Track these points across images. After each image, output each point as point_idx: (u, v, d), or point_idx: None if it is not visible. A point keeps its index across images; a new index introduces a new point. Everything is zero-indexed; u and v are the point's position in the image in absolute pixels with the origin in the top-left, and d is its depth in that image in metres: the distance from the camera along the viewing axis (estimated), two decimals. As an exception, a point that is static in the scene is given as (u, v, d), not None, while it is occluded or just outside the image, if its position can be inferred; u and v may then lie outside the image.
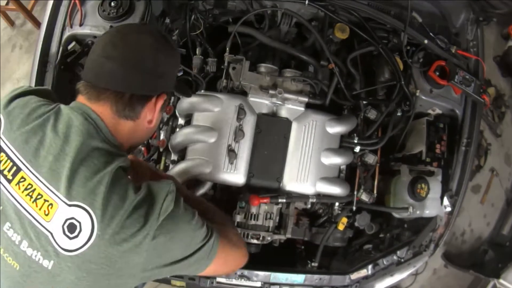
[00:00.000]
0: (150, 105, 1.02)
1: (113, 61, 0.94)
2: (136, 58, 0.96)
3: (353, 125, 1.72)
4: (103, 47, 0.97)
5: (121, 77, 0.95)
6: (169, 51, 1.04)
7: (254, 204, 1.59)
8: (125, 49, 0.96)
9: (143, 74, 0.97)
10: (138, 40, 0.98)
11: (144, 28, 1.07)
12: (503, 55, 3.46)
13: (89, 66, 1.00)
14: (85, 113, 0.94)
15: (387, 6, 1.86)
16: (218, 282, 1.69)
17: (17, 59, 3.11)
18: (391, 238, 1.92)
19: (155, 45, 1.00)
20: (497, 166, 3.34)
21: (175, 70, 1.11)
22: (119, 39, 0.97)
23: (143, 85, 0.98)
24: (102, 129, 0.95)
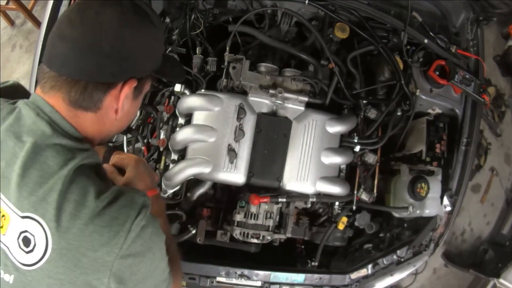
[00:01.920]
0: (114, 93, 0.85)
1: (66, 41, 0.79)
2: (92, 38, 0.79)
3: (353, 124, 1.72)
4: (59, 24, 0.83)
5: (74, 61, 0.80)
6: (140, 26, 0.84)
7: (254, 203, 1.59)
8: (82, 27, 0.79)
9: (101, 57, 0.80)
10: (97, 15, 0.79)
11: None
12: (503, 55, 3.46)
13: (45, 48, 0.86)
14: (38, 108, 0.82)
15: (387, 6, 1.86)
16: (218, 282, 1.69)
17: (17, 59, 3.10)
18: (391, 237, 1.92)
19: (119, 20, 0.81)
20: (497, 165, 3.34)
21: (151, 49, 0.89)
22: (76, 14, 0.81)
23: (101, 70, 0.81)
24: (59, 123, 0.82)
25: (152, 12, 0.89)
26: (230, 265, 1.69)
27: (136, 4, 0.86)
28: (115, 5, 0.82)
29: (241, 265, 1.70)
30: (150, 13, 0.88)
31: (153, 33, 0.89)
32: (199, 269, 1.67)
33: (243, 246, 1.72)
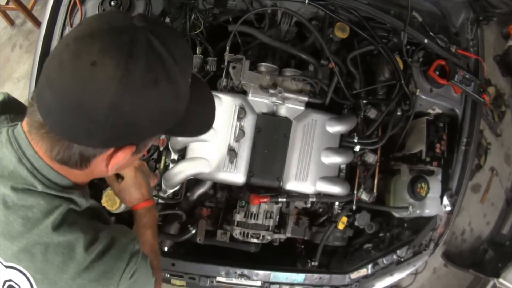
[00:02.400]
0: (104, 156, 0.72)
1: (52, 89, 0.64)
2: (81, 98, 0.62)
3: (353, 124, 1.72)
4: (52, 59, 0.66)
5: (58, 116, 0.66)
6: (150, 89, 0.65)
7: (254, 203, 1.59)
8: (71, 77, 0.62)
9: (89, 124, 0.64)
10: (94, 67, 0.61)
11: (118, 41, 0.63)
12: (503, 55, 3.46)
13: (40, 75, 0.70)
14: (20, 150, 0.72)
15: (387, 6, 1.86)
16: (218, 282, 1.69)
17: (17, 59, 3.10)
18: (391, 237, 1.92)
19: (120, 81, 0.62)
20: (497, 165, 3.34)
21: (162, 114, 0.71)
22: (70, 56, 0.63)
23: (89, 136, 0.67)
24: (42, 172, 0.72)
25: (175, 57, 0.67)
26: (230, 265, 1.69)
27: (152, 50, 0.65)
28: (120, 55, 0.62)
29: (241, 265, 1.70)
30: (170, 62, 0.67)
31: (170, 93, 0.69)
32: (199, 269, 1.67)
33: (243, 246, 1.73)
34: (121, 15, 0.70)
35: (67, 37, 0.67)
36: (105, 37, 0.64)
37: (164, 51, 0.66)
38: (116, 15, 0.70)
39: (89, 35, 0.64)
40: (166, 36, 0.69)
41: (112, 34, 0.64)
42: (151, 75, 0.65)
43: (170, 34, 0.71)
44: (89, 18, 0.72)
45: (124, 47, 0.63)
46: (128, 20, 0.67)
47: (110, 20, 0.67)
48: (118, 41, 0.64)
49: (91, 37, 0.64)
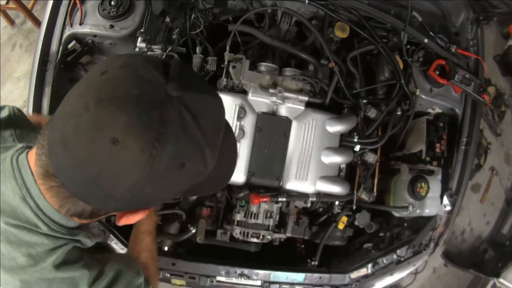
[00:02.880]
0: (116, 213, 0.72)
1: (66, 151, 0.59)
2: (98, 175, 0.58)
3: (353, 124, 1.72)
4: (68, 114, 0.59)
5: (71, 178, 0.62)
6: (177, 173, 0.60)
7: (254, 203, 1.59)
8: (89, 150, 0.57)
9: (104, 196, 0.61)
10: (115, 145, 0.55)
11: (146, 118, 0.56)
12: (503, 54, 3.47)
13: (53, 117, 0.63)
14: (25, 188, 0.67)
15: (387, 5, 1.86)
16: (218, 281, 1.69)
17: (17, 58, 3.10)
18: (391, 237, 1.92)
19: (144, 168, 0.56)
20: (497, 165, 3.34)
21: (184, 189, 0.67)
22: (90, 124, 0.56)
23: (101, 205, 0.66)
24: (47, 213, 0.68)
25: (206, 133, 0.61)
26: (230, 264, 1.69)
27: (183, 131, 0.58)
28: (147, 138, 0.55)
29: (241, 265, 1.70)
30: (201, 140, 0.60)
31: (195, 172, 0.64)
32: (199, 269, 1.67)
33: (243, 246, 1.73)
34: (155, 73, 0.59)
35: (87, 92, 0.58)
36: (132, 110, 0.55)
37: (196, 128, 0.59)
38: (149, 72, 0.59)
39: (114, 102, 0.55)
40: (199, 105, 0.61)
41: (141, 106, 0.56)
42: (179, 159, 0.59)
43: (202, 100, 0.62)
44: (117, 68, 0.60)
45: (152, 128, 0.55)
46: (161, 84, 0.58)
47: (141, 80, 0.58)
48: (146, 118, 0.55)
49: (117, 106, 0.55)
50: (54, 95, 1.63)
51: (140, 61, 0.61)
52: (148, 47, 1.64)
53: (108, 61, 0.65)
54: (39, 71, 1.63)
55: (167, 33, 1.79)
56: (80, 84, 0.63)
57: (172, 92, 0.58)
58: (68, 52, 1.70)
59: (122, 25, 1.64)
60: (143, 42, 1.63)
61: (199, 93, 0.62)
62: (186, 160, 0.59)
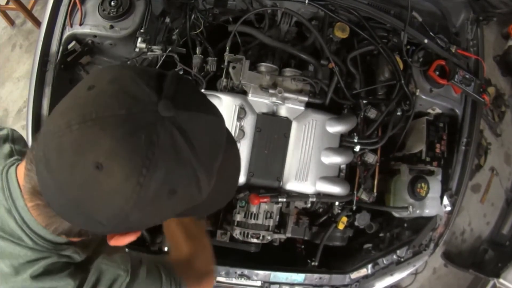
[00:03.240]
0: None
1: (49, 173, 0.55)
2: (83, 201, 0.55)
3: (353, 124, 1.72)
4: (50, 133, 0.55)
5: (56, 202, 0.59)
6: (167, 200, 0.56)
7: (254, 203, 1.59)
8: (71, 173, 0.53)
9: (90, 220, 0.58)
10: (98, 171, 0.51)
11: (132, 142, 0.52)
12: (503, 55, 3.46)
13: (40, 132, 0.60)
14: (11, 199, 0.65)
15: (387, 6, 1.86)
16: (218, 281, 1.69)
17: (17, 59, 3.10)
18: (391, 237, 1.92)
19: (130, 196, 0.53)
20: (497, 165, 3.34)
21: (174, 213, 0.63)
22: (72, 146, 0.53)
23: (88, 227, 0.63)
24: (32, 227, 0.65)
25: (199, 156, 0.56)
26: (230, 265, 1.69)
27: (174, 154, 0.54)
28: (133, 165, 0.52)
29: (241, 265, 1.70)
30: (194, 163, 0.55)
31: (188, 197, 0.59)
32: (199, 269, 1.67)
33: (243, 246, 1.73)
34: (146, 89, 0.54)
35: (72, 109, 0.54)
36: (117, 132, 0.51)
37: (189, 152, 0.54)
38: (139, 88, 0.54)
39: (98, 122, 0.51)
40: (194, 125, 0.56)
41: (127, 127, 0.51)
42: (169, 185, 0.54)
43: (198, 120, 0.57)
44: (105, 83, 0.56)
45: (139, 153, 0.51)
46: (152, 103, 0.53)
47: (129, 97, 0.53)
48: (133, 142, 0.51)
49: (101, 127, 0.51)
50: (54, 95, 1.63)
51: (131, 75, 0.55)
52: (148, 48, 1.64)
53: (97, 74, 0.60)
54: (39, 72, 1.63)
55: (167, 34, 1.79)
56: (66, 98, 0.59)
57: (163, 112, 0.53)
58: (68, 53, 1.70)
59: (122, 25, 1.64)
60: (143, 42, 1.63)
61: (194, 112, 0.56)
62: (177, 186, 0.55)
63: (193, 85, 0.63)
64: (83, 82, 0.58)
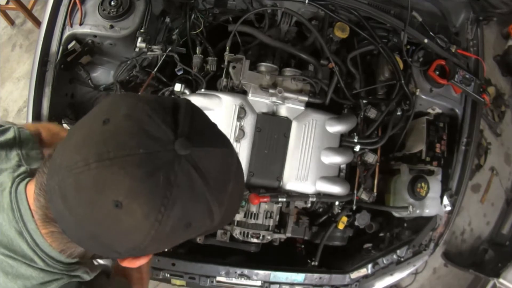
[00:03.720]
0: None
1: (67, 207, 0.57)
2: (99, 233, 0.57)
3: (353, 124, 1.72)
4: (66, 168, 0.56)
5: (73, 232, 0.61)
6: (182, 232, 0.59)
7: (254, 203, 1.59)
8: (90, 210, 0.55)
9: (109, 251, 0.62)
10: (118, 210, 0.53)
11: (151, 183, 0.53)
12: (503, 55, 3.47)
13: (52, 160, 0.61)
14: (22, 222, 0.65)
15: (387, 6, 1.86)
16: (218, 281, 1.69)
17: (17, 58, 3.10)
18: (391, 237, 1.92)
19: (148, 233, 0.55)
20: (497, 165, 3.34)
21: (187, 239, 0.65)
22: (91, 184, 0.54)
23: (105, 254, 0.68)
24: (44, 248, 0.66)
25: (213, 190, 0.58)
26: (230, 264, 1.69)
27: (191, 191, 0.56)
28: (152, 204, 0.53)
29: (241, 265, 1.70)
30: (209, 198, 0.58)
31: (202, 228, 0.62)
32: (199, 269, 1.67)
33: (243, 246, 1.73)
34: (163, 127, 0.55)
35: (88, 144, 0.55)
36: (136, 172, 0.52)
37: (204, 187, 0.56)
38: (156, 127, 0.55)
39: (117, 161, 0.52)
40: (208, 161, 0.58)
41: (146, 167, 0.53)
42: (185, 220, 0.57)
43: (212, 155, 0.59)
44: (120, 118, 0.56)
45: (159, 192, 0.53)
46: (169, 141, 0.54)
47: (147, 136, 0.54)
48: (153, 182, 0.53)
49: (120, 166, 0.52)
50: (54, 95, 1.63)
51: (146, 110, 0.56)
52: (148, 47, 1.65)
53: (111, 105, 0.61)
54: (39, 71, 1.62)
55: (167, 33, 1.79)
56: (80, 130, 0.59)
57: (180, 151, 0.54)
58: (68, 53, 1.70)
59: (122, 25, 1.63)
60: (143, 42, 1.63)
61: (208, 147, 0.58)
62: (192, 220, 0.58)
63: (205, 116, 0.64)
64: (97, 114, 0.59)
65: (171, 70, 1.80)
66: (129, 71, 1.74)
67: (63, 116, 1.76)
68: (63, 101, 1.74)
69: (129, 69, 1.74)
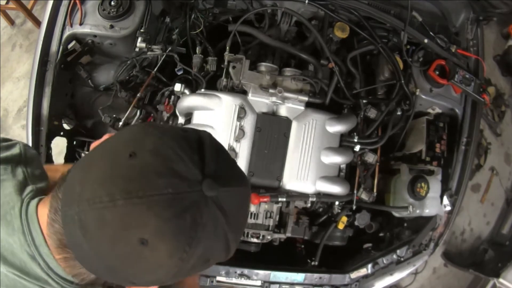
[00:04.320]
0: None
1: (86, 239, 0.56)
2: (120, 269, 0.58)
3: (353, 124, 1.72)
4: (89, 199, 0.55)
5: (89, 262, 0.61)
6: (201, 267, 0.61)
7: (254, 203, 1.59)
8: (113, 245, 0.55)
9: (125, 282, 0.63)
10: (143, 247, 0.53)
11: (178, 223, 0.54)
12: (503, 54, 3.47)
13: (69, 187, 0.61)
14: (34, 246, 0.65)
15: (387, 5, 1.86)
16: (218, 281, 1.69)
17: (17, 58, 3.10)
18: (391, 237, 1.92)
19: (172, 269, 0.57)
20: (497, 165, 3.34)
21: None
22: (116, 221, 0.54)
23: (119, 283, 0.66)
24: (57, 272, 0.66)
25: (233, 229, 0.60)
26: (230, 264, 1.69)
27: (214, 232, 0.57)
28: (178, 244, 0.54)
29: (241, 265, 1.70)
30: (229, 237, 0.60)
31: (218, 261, 0.64)
32: (199, 269, 1.67)
33: (243, 246, 1.72)
34: (190, 166, 0.56)
35: (114, 180, 0.55)
36: (164, 212, 0.53)
37: (226, 226, 0.58)
38: (184, 166, 0.55)
39: (145, 201, 0.53)
40: (231, 201, 0.59)
41: (174, 208, 0.53)
42: (206, 257, 0.58)
43: (234, 195, 0.61)
44: (147, 153, 0.56)
45: (185, 233, 0.54)
46: (196, 182, 0.55)
47: (175, 176, 0.54)
48: (180, 223, 0.53)
49: (147, 206, 0.53)
50: (54, 95, 1.63)
51: (172, 147, 0.56)
52: (148, 47, 1.65)
53: (136, 138, 0.60)
54: (39, 71, 1.63)
55: (167, 33, 1.79)
56: (103, 160, 0.58)
57: (207, 192, 0.55)
58: (68, 52, 1.70)
59: (122, 25, 1.64)
60: (143, 42, 1.63)
61: (233, 188, 0.60)
62: (211, 256, 0.59)
63: (227, 153, 0.65)
64: (122, 146, 0.58)
65: (171, 70, 1.80)
66: (129, 71, 1.74)
67: (63, 116, 1.76)
68: (63, 101, 1.74)
69: (129, 69, 1.74)
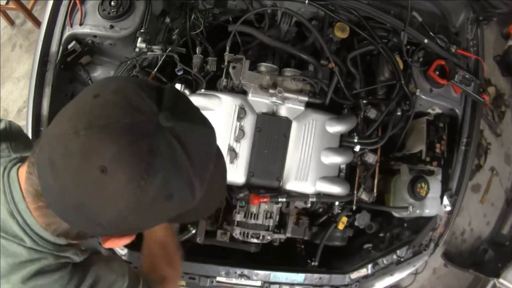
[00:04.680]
0: (101, 236, 0.72)
1: (54, 176, 0.58)
2: (84, 202, 0.58)
3: (353, 124, 1.72)
4: (57, 136, 0.58)
5: (58, 205, 0.63)
6: (164, 204, 0.60)
7: (254, 203, 1.59)
8: (76, 176, 0.57)
9: (89, 222, 0.62)
10: (103, 174, 0.55)
11: (135, 149, 0.56)
12: (503, 55, 3.46)
13: (43, 136, 0.65)
14: (13, 203, 0.68)
15: (387, 6, 1.86)
16: (218, 282, 1.69)
17: (17, 58, 3.10)
18: (391, 237, 1.92)
19: (131, 200, 0.57)
20: (497, 165, 3.34)
21: (170, 217, 0.67)
22: (79, 150, 0.56)
23: (90, 229, 0.67)
24: (34, 228, 0.69)
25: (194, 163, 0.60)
26: (230, 264, 1.69)
27: (172, 162, 0.58)
28: (135, 170, 0.55)
29: (241, 265, 1.70)
30: (190, 171, 0.60)
31: (183, 202, 0.63)
32: (199, 269, 1.67)
33: (243, 246, 1.73)
34: (148, 101, 0.59)
35: (78, 115, 0.58)
36: (121, 139, 0.55)
37: (186, 160, 0.59)
38: (142, 100, 0.59)
39: (105, 129, 0.55)
40: (191, 136, 0.61)
41: (131, 135, 0.55)
42: (167, 190, 0.59)
43: (194, 131, 0.62)
44: (109, 92, 0.60)
45: (141, 159, 0.55)
46: (153, 114, 0.58)
47: (133, 108, 0.57)
48: (136, 148, 0.55)
49: (107, 134, 0.55)
50: (54, 95, 1.63)
51: (133, 87, 0.60)
52: (148, 47, 1.64)
53: (101, 83, 0.66)
54: (39, 71, 1.62)
55: (167, 34, 1.79)
56: (72, 104, 0.63)
57: (163, 122, 0.58)
58: (68, 53, 1.70)
59: (122, 25, 1.63)
60: (143, 42, 1.63)
61: (191, 124, 0.62)
62: (174, 191, 0.60)
63: (188, 99, 0.68)
64: (88, 91, 0.62)
65: (171, 70, 1.80)
66: (129, 71, 1.74)
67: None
68: (63, 101, 1.74)
69: (129, 69, 1.74)
